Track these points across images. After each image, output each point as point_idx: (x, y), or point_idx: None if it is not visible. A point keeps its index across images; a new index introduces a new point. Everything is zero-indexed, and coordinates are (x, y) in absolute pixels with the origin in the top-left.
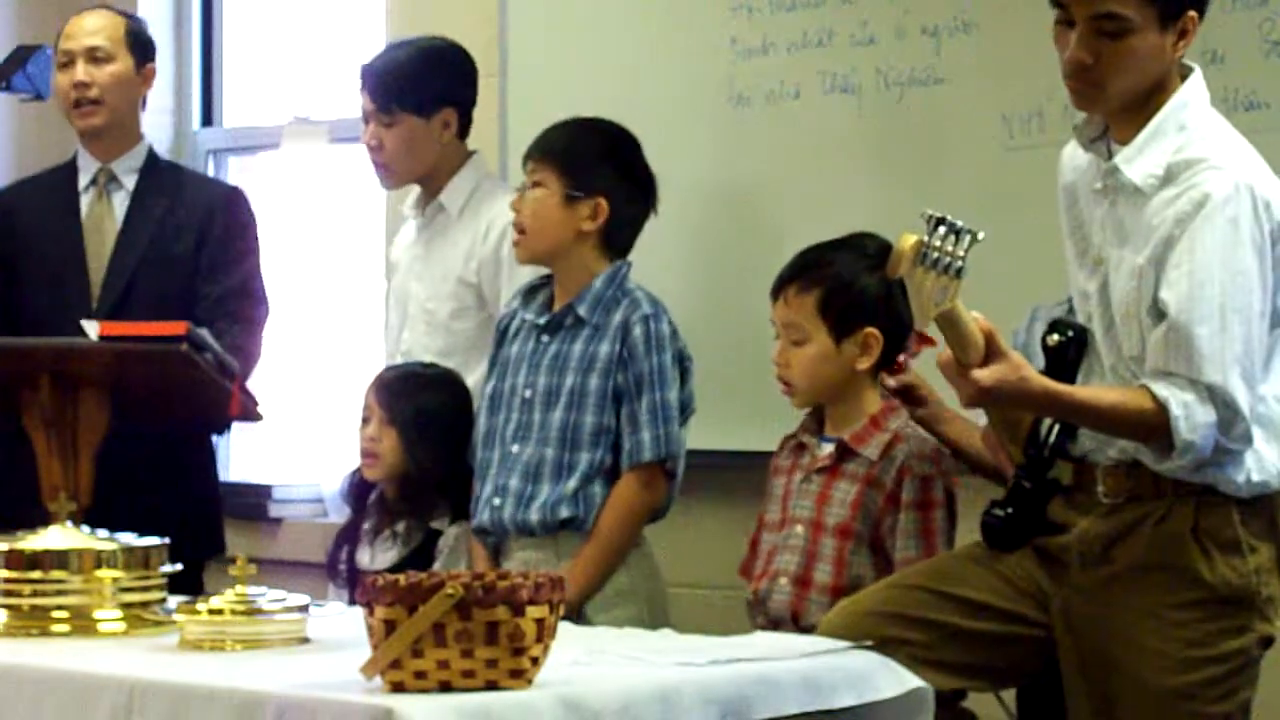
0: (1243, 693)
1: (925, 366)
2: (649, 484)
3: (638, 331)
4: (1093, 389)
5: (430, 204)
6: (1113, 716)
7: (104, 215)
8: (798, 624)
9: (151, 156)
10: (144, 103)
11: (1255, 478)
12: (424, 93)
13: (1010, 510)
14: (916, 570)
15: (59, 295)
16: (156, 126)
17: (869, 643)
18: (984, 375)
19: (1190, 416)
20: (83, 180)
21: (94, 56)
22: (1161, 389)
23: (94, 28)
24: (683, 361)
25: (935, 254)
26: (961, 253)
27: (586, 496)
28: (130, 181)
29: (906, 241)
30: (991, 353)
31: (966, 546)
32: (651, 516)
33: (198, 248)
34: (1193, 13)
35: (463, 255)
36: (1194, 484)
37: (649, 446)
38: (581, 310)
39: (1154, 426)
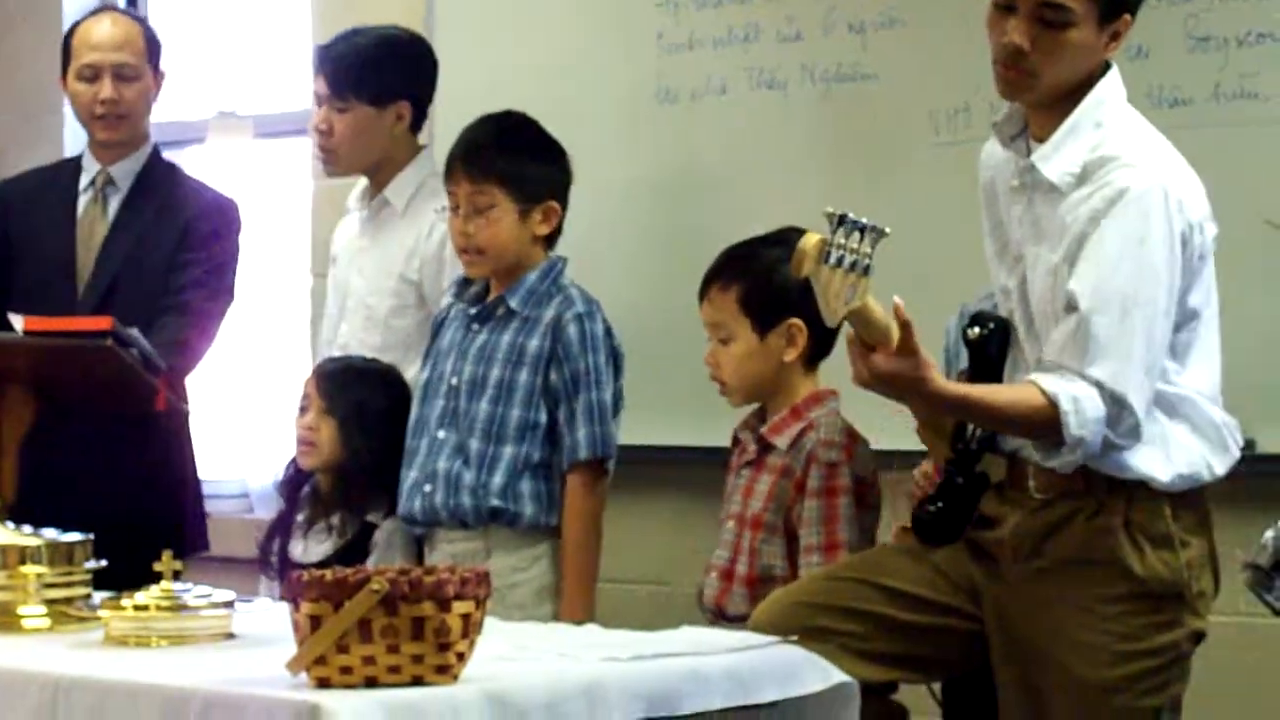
0: (1174, 687)
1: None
2: (594, 483)
3: (572, 330)
4: (987, 388)
5: (376, 197)
6: (1043, 709)
7: (97, 218)
8: (724, 616)
9: (153, 159)
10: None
11: (1184, 471)
12: (381, 83)
13: (941, 505)
14: (849, 562)
15: (46, 293)
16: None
17: (794, 637)
18: (881, 362)
19: (1080, 412)
20: (84, 180)
21: (122, 74)
22: (1051, 385)
23: (119, 41)
24: (615, 358)
25: (840, 252)
26: (868, 250)
27: (515, 492)
28: (126, 185)
29: (809, 241)
30: (904, 347)
31: (900, 540)
32: None
33: (176, 252)
34: (1127, 15)
35: (405, 252)
36: (1125, 479)
37: (584, 445)
38: (513, 302)
39: (1045, 422)
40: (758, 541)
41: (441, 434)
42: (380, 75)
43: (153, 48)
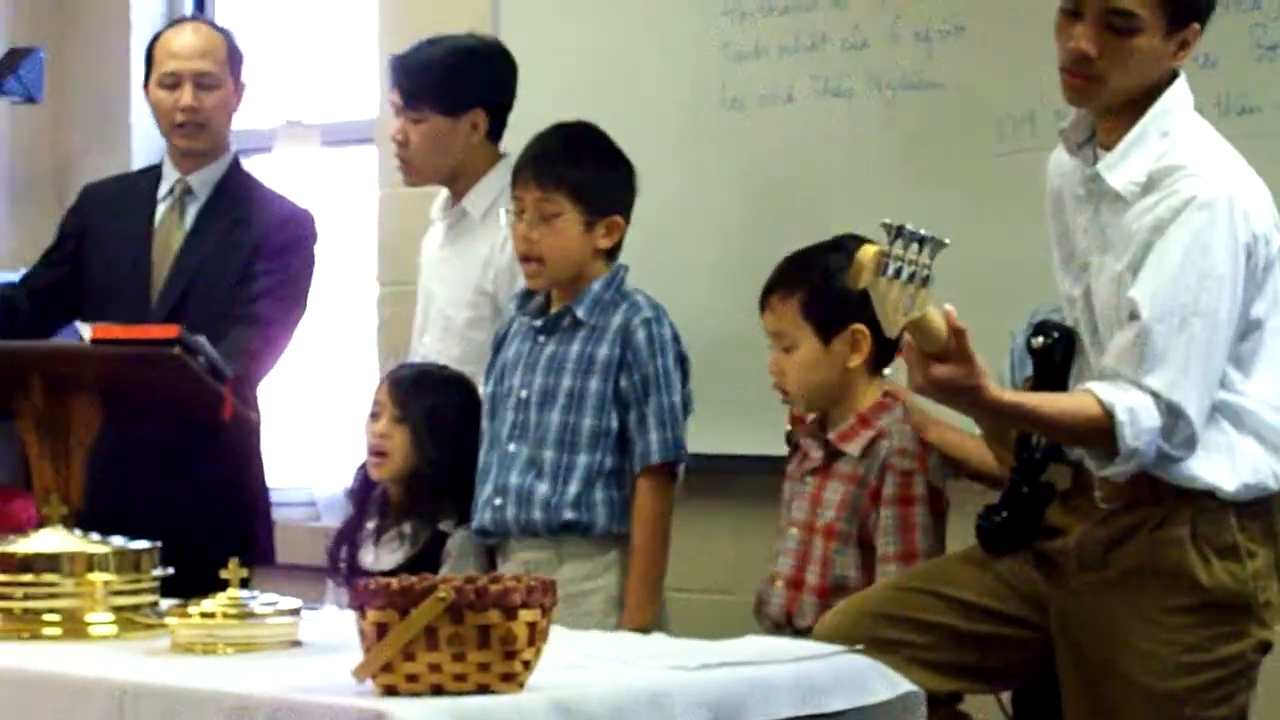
0: (1240, 697)
1: None
2: (664, 487)
3: (641, 335)
4: (1043, 396)
5: (455, 207)
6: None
7: (174, 226)
8: (792, 625)
9: (232, 169)
10: None
11: (1250, 480)
12: (453, 92)
13: (1005, 514)
14: (914, 572)
15: (119, 299)
16: (149, 131)
17: (860, 646)
18: (938, 370)
19: (1135, 423)
20: (163, 188)
21: (202, 83)
22: (1107, 394)
23: (201, 49)
24: (682, 363)
25: (898, 264)
26: (927, 260)
27: (589, 502)
28: (204, 195)
29: (866, 253)
30: (959, 355)
31: (965, 549)
32: None
33: (250, 263)
34: (1196, 25)
35: (481, 263)
36: (1191, 489)
37: (657, 449)
38: (580, 312)
39: (1100, 432)
40: (830, 551)
41: (512, 447)
42: (453, 85)
43: (234, 58)
